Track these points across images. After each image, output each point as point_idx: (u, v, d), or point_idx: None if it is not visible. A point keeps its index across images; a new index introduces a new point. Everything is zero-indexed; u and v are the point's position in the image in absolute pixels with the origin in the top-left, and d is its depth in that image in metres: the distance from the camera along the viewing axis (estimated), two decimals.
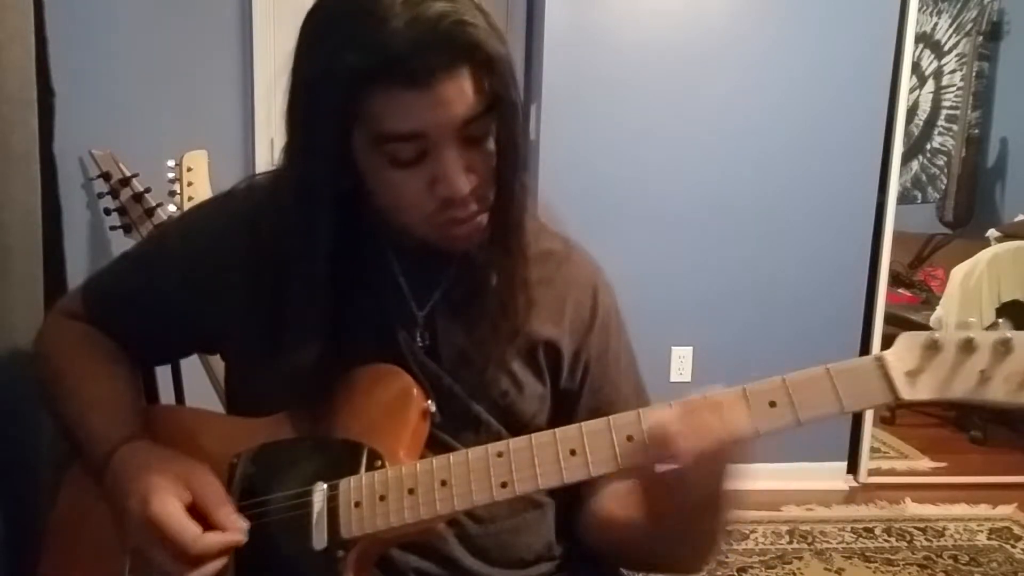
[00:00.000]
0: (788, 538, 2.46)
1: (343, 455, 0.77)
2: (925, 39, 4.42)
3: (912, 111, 4.42)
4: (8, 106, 1.04)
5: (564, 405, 0.89)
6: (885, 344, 0.66)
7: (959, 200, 4.24)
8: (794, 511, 2.64)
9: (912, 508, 2.70)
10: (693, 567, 0.82)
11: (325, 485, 0.76)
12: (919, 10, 2.79)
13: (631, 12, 2.62)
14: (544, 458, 0.70)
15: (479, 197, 0.76)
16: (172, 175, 2.11)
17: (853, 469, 2.93)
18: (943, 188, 4.37)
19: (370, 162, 0.74)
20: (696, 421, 0.65)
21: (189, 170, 2.11)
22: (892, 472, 3.05)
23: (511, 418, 0.85)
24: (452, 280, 0.85)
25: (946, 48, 4.41)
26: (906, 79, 2.76)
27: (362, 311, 0.82)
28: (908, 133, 4.20)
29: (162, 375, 1.07)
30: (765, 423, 0.66)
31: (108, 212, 1.93)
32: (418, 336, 0.85)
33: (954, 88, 4.37)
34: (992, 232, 3.64)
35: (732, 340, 2.69)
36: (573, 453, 0.70)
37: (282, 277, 0.79)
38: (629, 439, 0.69)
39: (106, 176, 1.91)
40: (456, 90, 0.70)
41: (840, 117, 2.71)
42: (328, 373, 0.79)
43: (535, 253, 0.85)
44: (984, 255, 3.29)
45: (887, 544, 2.45)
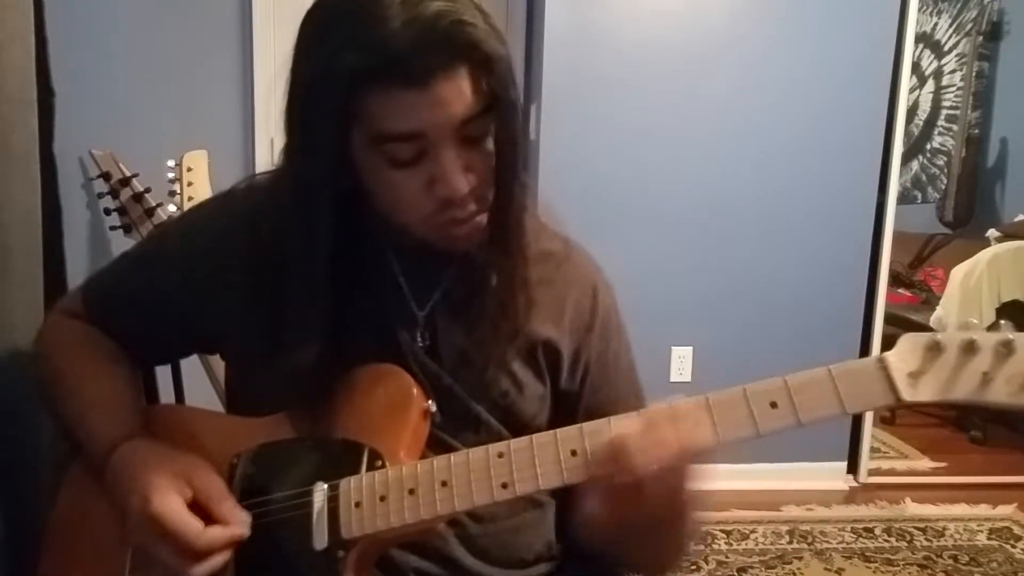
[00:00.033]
0: (788, 538, 2.45)
1: (343, 455, 0.77)
2: (925, 39, 4.42)
3: (912, 111, 4.41)
4: (8, 106, 1.04)
5: (564, 405, 0.89)
6: (885, 344, 0.66)
7: (959, 200, 4.23)
8: (794, 511, 2.63)
9: (912, 508, 2.70)
10: (663, 568, 0.83)
11: (325, 485, 0.76)
12: (919, 10, 2.79)
13: (631, 12, 2.62)
14: (545, 458, 0.70)
15: (478, 197, 0.76)
16: (172, 175, 2.11)
17: (853, 469, 2.93)
18: (943, 188, 4.36)
19: (369, 162, 0.74)
20: (654, 435, 0.65)
21: (189, 170, 2.11)
22: (892, 472, 3.04)
23: (511, 418, 0.85)
24: (452, 280, 0.85)
25: (946, 48, 4.41)
26: (906, 79, 2.76)
27: (362, 311, 0.82)
28: (908, 133, 4.19)
29: (162, 375, 1.07)
30: (766, 424, 0.66)
31: (108, 212, 1.94)
32: (418, 336, 0.84)
33: (954, 88, 4.36)
34: (992, 232, 3.64)
35: (732, 340, 2.69)
36: (574, 453, 0.70)
37: (282, 277, 0.78)
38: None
39: (106, 176, 1.91)
40: (454, 90, 0.70)
41: (840, 117, 2.70)
42: (328, 373, 0.79)
43: (535, 253, 0.85)
44: (984, 255, 3.28)
45: (887, 544, 2.45)
